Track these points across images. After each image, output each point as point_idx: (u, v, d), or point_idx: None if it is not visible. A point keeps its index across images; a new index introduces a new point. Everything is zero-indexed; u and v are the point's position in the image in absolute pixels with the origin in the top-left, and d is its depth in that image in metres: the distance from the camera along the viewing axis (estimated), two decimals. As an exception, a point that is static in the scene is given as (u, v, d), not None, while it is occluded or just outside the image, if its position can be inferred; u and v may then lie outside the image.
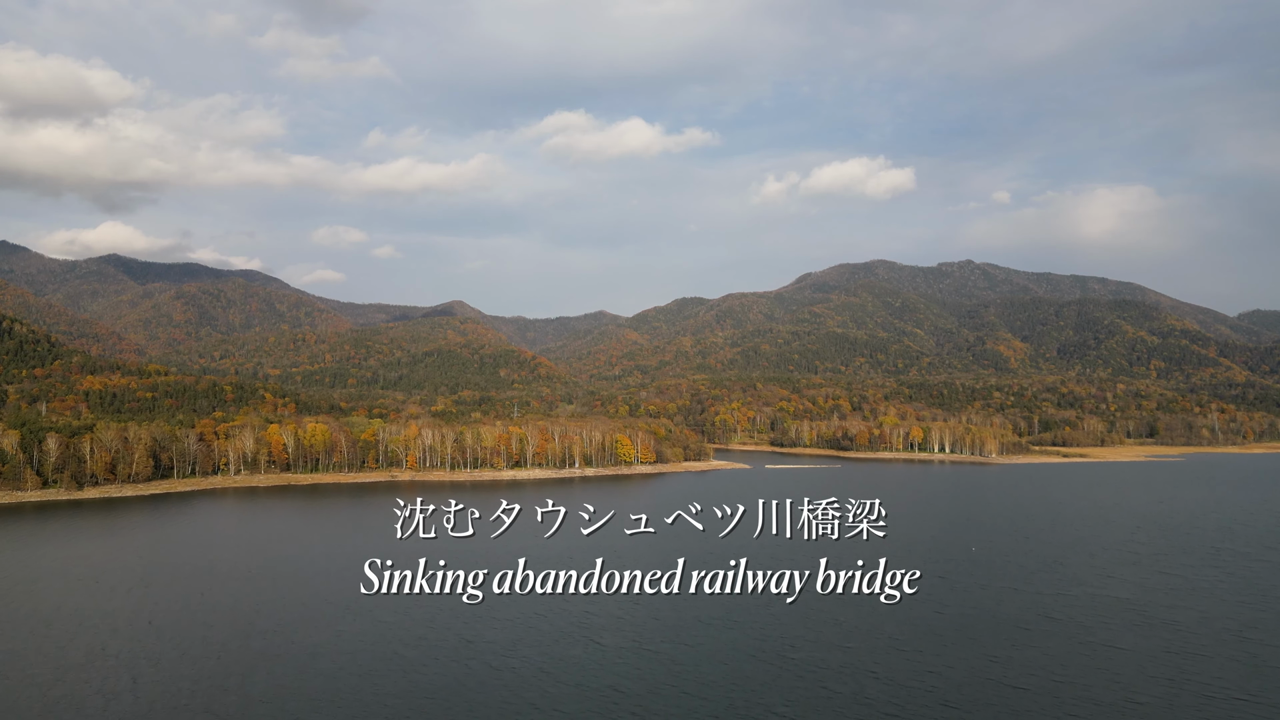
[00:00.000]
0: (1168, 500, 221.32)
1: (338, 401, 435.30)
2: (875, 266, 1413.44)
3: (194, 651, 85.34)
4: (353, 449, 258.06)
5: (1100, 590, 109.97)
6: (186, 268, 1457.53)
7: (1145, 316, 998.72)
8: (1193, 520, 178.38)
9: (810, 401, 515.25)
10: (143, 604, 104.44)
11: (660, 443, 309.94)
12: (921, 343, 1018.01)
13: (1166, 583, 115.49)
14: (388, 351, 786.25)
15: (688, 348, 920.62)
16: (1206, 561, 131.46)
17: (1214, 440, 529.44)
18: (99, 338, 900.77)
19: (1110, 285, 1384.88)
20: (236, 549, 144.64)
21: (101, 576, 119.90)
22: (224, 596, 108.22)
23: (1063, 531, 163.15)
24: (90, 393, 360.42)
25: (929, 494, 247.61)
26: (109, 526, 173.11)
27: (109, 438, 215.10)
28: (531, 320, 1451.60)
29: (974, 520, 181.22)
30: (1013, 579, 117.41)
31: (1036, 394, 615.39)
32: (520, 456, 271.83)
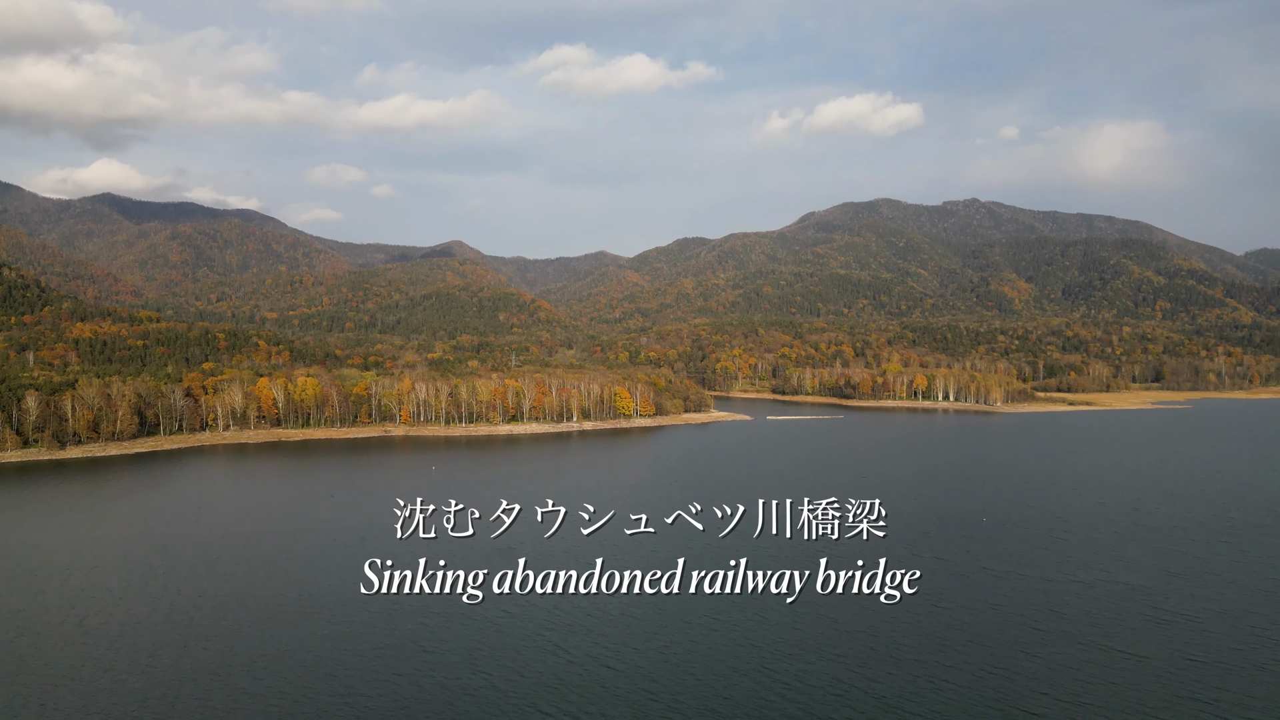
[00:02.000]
0: (1173, 458, 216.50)
1: (333, 349, 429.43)
2: (879, 205, 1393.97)
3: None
4: (345, 403, 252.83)
5: (1111, 576, 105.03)
6: (182, 207, 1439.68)
7: (1152, 256, 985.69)
8: (1201, 484, 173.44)
9: (813, 348, 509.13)
10: (116, 596, 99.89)
11: (660, 394, 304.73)
12: (925, 283, 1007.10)
13: (1181, 565, 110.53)
14: (385, 294, 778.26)
15: (689, 290, 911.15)
16: (1219, 537, 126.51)
17: (1220, 385, 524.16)
18: (95, 280, 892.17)
19: (1117, 224, 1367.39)
20: (224, 526, 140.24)
21: (72, 573, 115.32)
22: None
23: (1070, 498, 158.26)
24: (80, 341, 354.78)
25: (934, 451, 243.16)
26: (90, 494, 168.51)
27: (91, 395, 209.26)
28: (531, 261, 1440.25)
29: (981, 482, 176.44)
30: (1020, 560, 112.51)
31: (1041, 337, 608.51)
32: (517, 410, 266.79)
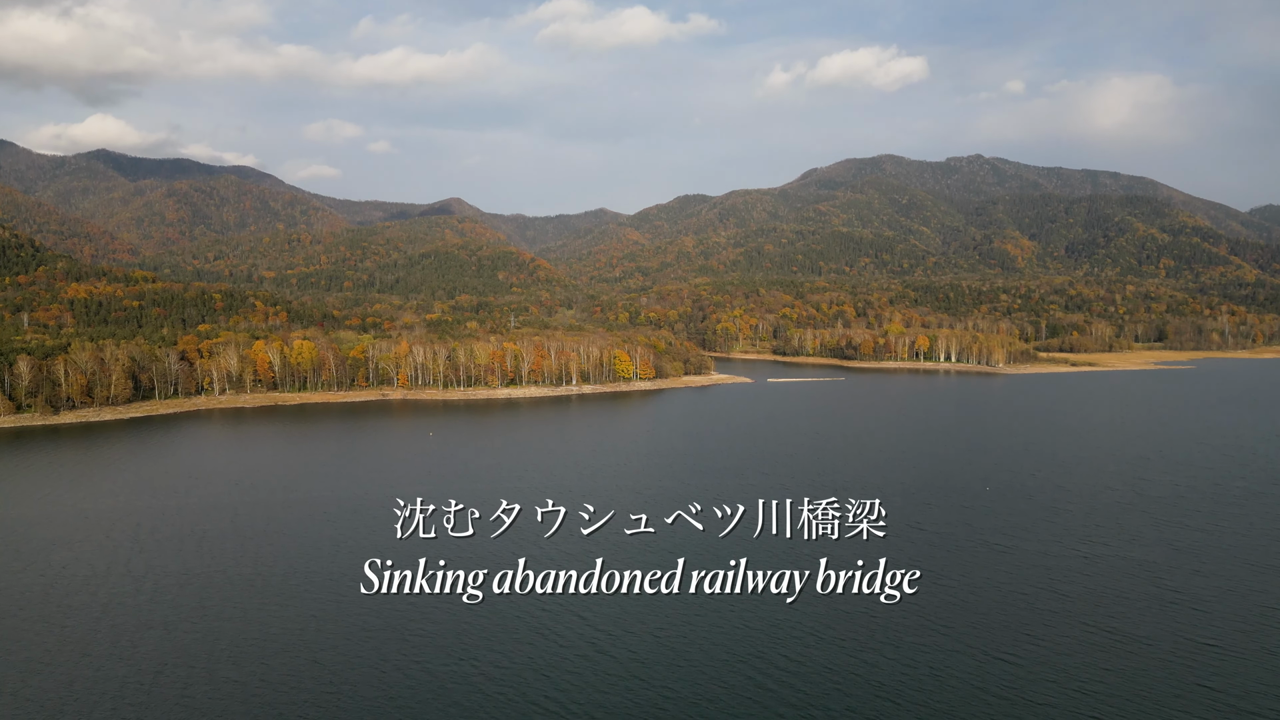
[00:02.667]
0: (1175, 422, 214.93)
1: (330, 309, 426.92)
2: (882, 161, 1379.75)
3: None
4: (341, 367, 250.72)
5: (1114, 551, 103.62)
6: (178, 164, 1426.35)
7: (1156, 213, 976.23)
8: (1204, 450, 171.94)
9: (814, 308, 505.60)
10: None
11: (660, 357, 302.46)
12: (928, 241, 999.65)
13: (1184, 538, 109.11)
14: (384, 253, 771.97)
15: (690, 248, 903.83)
16: (1223, 507, 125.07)
17: (1224, 344, 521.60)
18: (91, 238, 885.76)
19: (1122, 180, 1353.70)
20: (221, 505, 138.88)
21: (56, 548, 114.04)
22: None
23: (1072, 465, 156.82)
24: (75, 301, 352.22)
25: (935, 415, 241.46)
26: (82, 462, 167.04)
27: (84, 359, 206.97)
28: (531, 219, 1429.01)
29: (983, 449, 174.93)
30: (1022, 533, 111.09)
31: (1044, 296, 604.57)
32: (515, 374, 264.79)
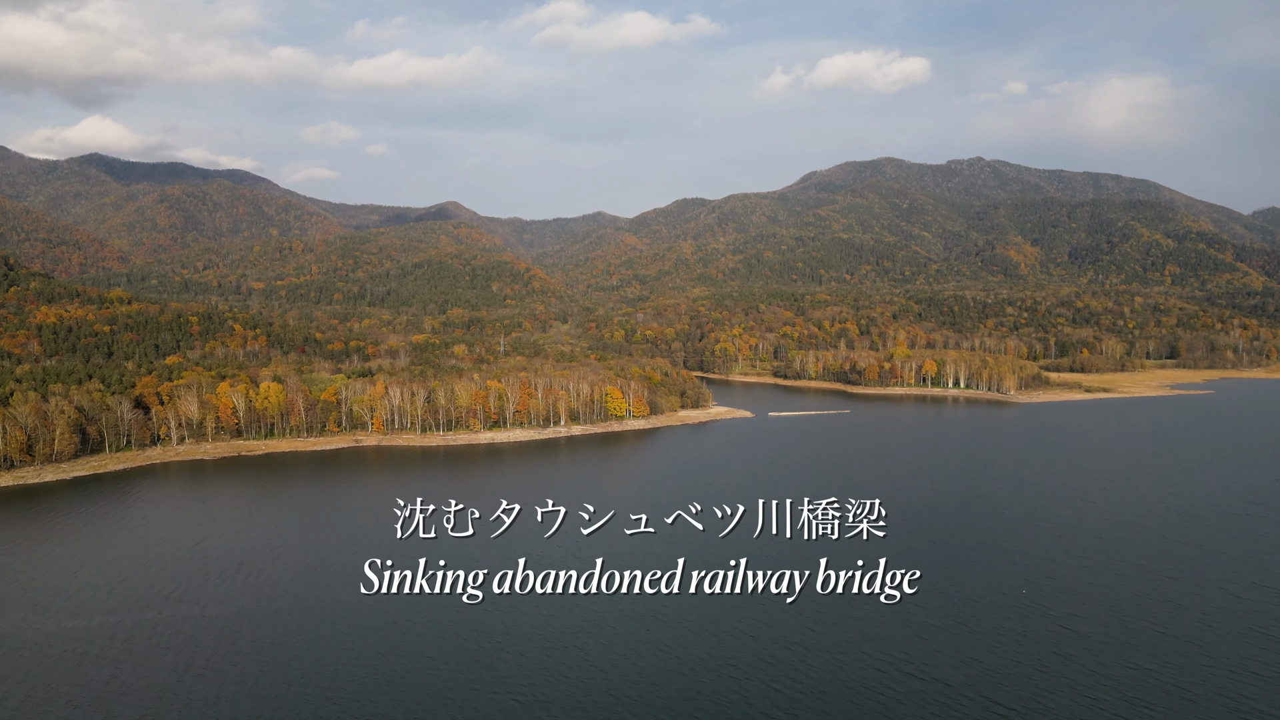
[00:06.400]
0: (1200, 469, 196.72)
1: (313, 331, 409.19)
2: (883, 164, 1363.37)
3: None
4: (312, 411, 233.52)
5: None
6: (171, 167, 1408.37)
7: (1160, 217, 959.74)
8: (1233, 505, 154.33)
9: (815, 325, 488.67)
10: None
11: (655, 390, 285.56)
12: (929, 246, 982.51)
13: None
14: (376, 262, 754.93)
15: (688, 254, 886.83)
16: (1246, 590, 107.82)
17: (1239, 362, 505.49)
18: (80, 245, 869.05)
19: (1124, 182, 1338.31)
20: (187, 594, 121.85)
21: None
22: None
23: (1101, 528, 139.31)
24: (44, 327, 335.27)
25: (951, 461, 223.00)
26: (15, 540, 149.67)
27: (25, 412, 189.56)
28: (528, 222, 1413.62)
29: (1008, 520, 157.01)
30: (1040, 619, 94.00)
31: (1051, 309, 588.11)
32: (499, 415, 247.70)
